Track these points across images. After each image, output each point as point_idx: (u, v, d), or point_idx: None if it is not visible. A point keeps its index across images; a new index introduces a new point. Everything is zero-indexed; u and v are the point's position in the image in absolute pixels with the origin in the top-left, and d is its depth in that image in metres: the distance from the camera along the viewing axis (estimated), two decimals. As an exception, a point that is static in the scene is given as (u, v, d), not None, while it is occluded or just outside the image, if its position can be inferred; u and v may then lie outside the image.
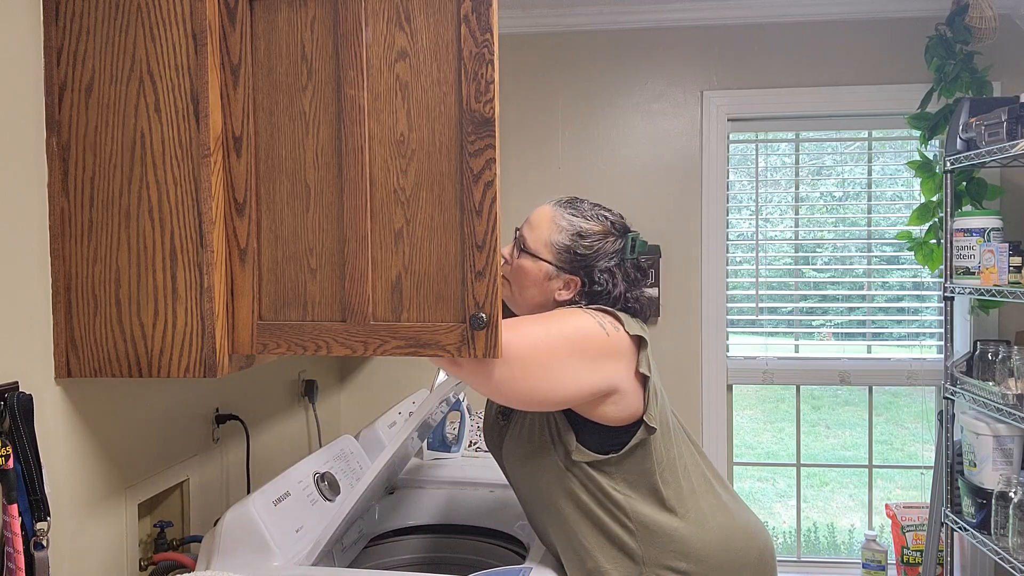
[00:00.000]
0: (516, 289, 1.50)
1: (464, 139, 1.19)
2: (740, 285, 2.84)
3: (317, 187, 1.25)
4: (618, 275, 1.45)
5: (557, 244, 1.45)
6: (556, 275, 1.45)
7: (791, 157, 2.87)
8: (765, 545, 1.50)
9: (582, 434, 1.41)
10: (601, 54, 2.77)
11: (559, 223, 1.46)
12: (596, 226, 1.46)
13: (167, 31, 1.25)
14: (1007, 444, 2.24)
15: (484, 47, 1.17)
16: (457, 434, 2.32)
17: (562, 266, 1.45)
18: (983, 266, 2.23)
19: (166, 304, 1.27)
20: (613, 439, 1.40)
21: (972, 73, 2.51)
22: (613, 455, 1.39)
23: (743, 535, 1.47)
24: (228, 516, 1.45)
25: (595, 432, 1.40)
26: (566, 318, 1.35)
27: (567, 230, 1.45)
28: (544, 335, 1.31)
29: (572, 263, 1.45)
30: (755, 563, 1.47)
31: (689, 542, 1.42)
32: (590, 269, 1.44)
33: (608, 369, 1.34)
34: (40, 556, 1.20)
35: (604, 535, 1.41)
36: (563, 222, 1.46)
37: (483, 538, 1.89)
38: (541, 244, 1.46)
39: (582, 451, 1.40)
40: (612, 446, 1.40)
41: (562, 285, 1.46)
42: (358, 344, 1.24)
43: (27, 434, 1.19)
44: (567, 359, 1.30)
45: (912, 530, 2.60)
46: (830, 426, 6.00)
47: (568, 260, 1.44)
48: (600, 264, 1.45)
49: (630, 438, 1.39)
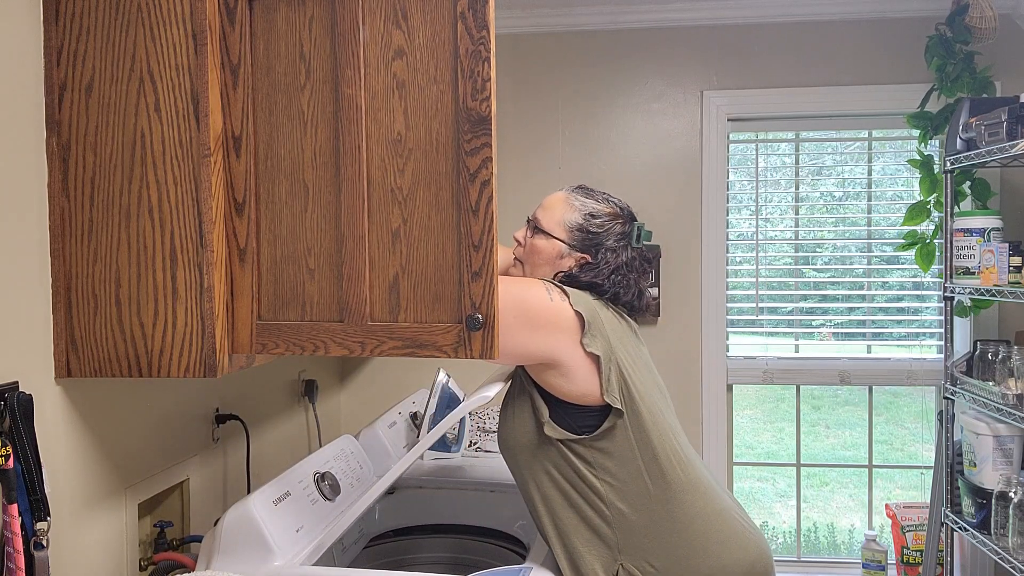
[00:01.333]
0: (528, 269, 1.58)
1: (461, 138, 1.19)
2: (740, 285, 2.84)
3: (315, 187, 1.25)
4: (622, 256, 1.54)
5: (571, 223, 1.54)
6: (568, 253, 1.53)
7: (791, 157, 2.88)
8: (757, 559, 1.47)
9: (554, 412, 1.45)
10: (601, 54, 2.77)
11: (572, 204, 1.55)
12: (607, 208, 1.56)
13: (167, 31, 1.25)
14: (1007, 444, 2.24)
15: (480, 44, 1.17)
16: (457, 434, 2.32)
17: (574, 244, 1.53)
18: (983, 266, 2.23)
19: (166, 304, 1.27)
20: (585, 420, 1.44)
21: (972, 73, 2.51)
22: (586, 436, 1.43)
23: (735, 546, 1.45)
24: (228, 516, 1.45)
25: (566, 411, 1.44)
26: (521, 282, 1.45)
27: (580, 210, 1.54)
28: (501, 290, 1.38)
29: (583, 241, 1.53)
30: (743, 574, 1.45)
31: (670, 543, 1.42)
32: (599, 248, 1.53)
33: (545, 337, 1.40)
34: (40, 556, 1.20)
35: (579, 517, 1.45)
36: (576, 203, 1.55)
37: (483, 538, 1.90)
38: (555, 223, 1.54)
39: (553, 427, 1.44)
40: (584, 427, 1.44)
41: (573, 263, 1.54)
42: (355, 344, 1.24)
43: (27, 434, 1.19)
44: (511, 316, 1.38)
45: (912, 530, 2.60)
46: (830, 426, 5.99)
47: (580, 239, 1.53)
48: (608, 243, 1.53)
49: (600, 421, 1.43)
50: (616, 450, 1.44)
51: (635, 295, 1.56)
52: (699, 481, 1.48)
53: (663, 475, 1.44)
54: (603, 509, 1.43)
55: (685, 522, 1.43)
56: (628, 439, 1.44)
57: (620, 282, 1.53)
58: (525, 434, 1.49)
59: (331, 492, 1.64)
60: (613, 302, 1.54)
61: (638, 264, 1.56)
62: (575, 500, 1.45)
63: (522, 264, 1.60)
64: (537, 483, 1.48)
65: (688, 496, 1.45)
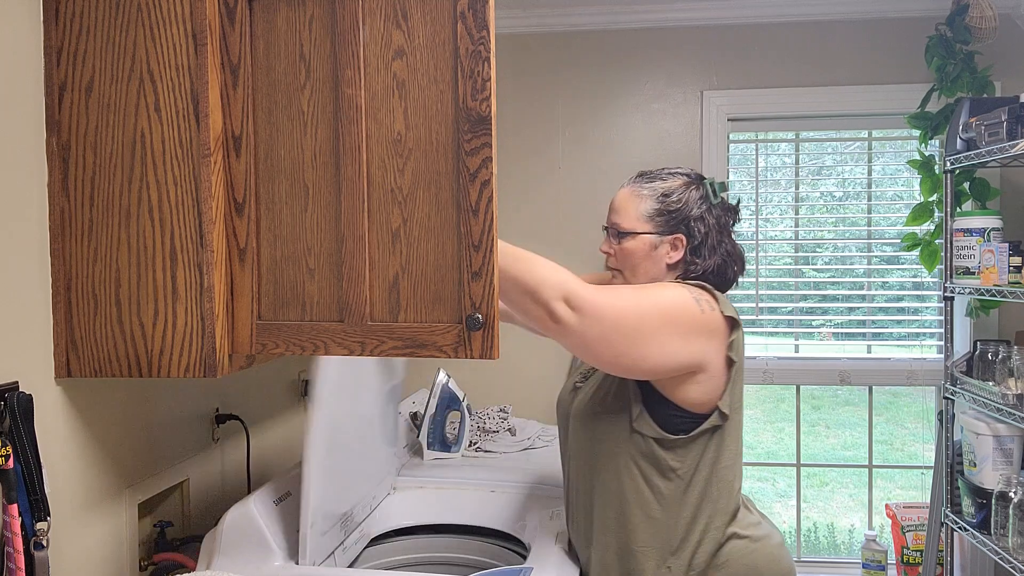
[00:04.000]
0: (629, 274, 1.53)
1: (461, 137, 1.19)
2: (740, 285, 2.84)
3: (315, 187, 1.25)
4: (710, 220, 1.50)
5: (648, 211, 1.50)
6: (660, 241, 1.50)
7: (791, 157, 2.88)
8: (789, 570, 1.51)
9: (653, 408, 1.42)
10: (601, 54, 2.77)
11: (641, 193, 1.52)
12: (675, 181, 1.52)
13: (167, 31, 1.25)
14: (1007, 444, 2.24)
15: (480, 44, 1.17)
16: (457, 434, 2.32)
17: (661, 230, 1.50)
18: (983, 266, 2.23)
19: (166, 304, 1.27)
20: (682, 421, 1.41)
21: (972, 73, 2.51)
22: (682, 435, 1.41)
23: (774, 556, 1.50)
24: (229, 516, 1.45)
25: (666, 409, 1.41)
26: (663, 289, 1.39)
27: (652, 196, 1.51)
28: (637, 301, 1.33)
29: (669, 223, 1.50)
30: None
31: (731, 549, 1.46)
32: (687, 221, 1.49)
33: (698, 345, 1.36)
34: (40, 556, 1.20)
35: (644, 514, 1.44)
36: (645, 191, 1.52)
37: (483, 538, 1.89)
38: (634, 219, 1.50)
39: (648, 423, 1.41)
40: (681, 427, 1.41)
41: (669, 248, 1.50)
42: (355, 344, 1.24)
43: (27, 434, 1.19)
44: (659, 328, 1.32)
45: (912, 530, 2.60)
46: (830, 426, 5.99)
47: (665, 222, 1.50)
48: (693, 213, 1.49)
49: (702, 421, 1.41)
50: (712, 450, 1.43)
51: (741, 264, 1.54)
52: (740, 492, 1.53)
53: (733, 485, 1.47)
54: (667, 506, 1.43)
55: (737, 530, 1.48)
56: (723, 439, 1.43)
57: (730, 251, 1.51)
58: (613, 425, 1.45)
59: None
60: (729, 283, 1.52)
61: (726, 222, 1.53)
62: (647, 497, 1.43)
63: (621, 273, 1.54)
64: (614, 474, 1.45)
65: (740, 507, 1.50)
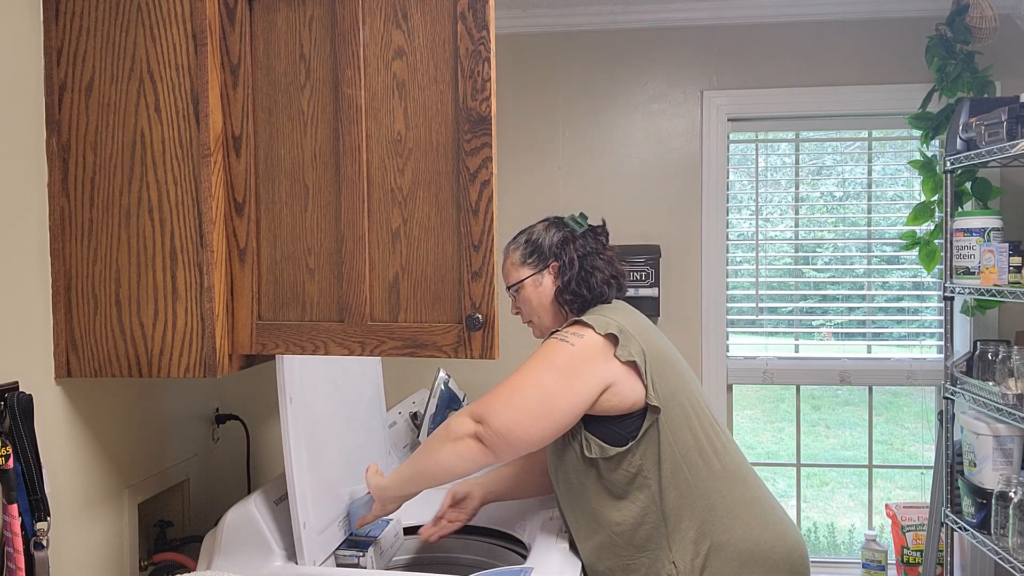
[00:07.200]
0: (536, 320, 1.68)
1: (461, 138, 1.19)
2: (740, 285, 2.84)
3: (315, 187, 1.25)
4: (578, 243, 1.64)
5: (520, 258, 1.67)
6: (540, 276, 1.65)
7: (791, 157, 2.88)
8: (795, 544, 1.52)
9: (594, 429, 1.49)
10: (601, 54, 2.77)
11: (509, 249, 1.70)
12: (535, 227, 1.70)
13: (167, 31, 1.25)
14: (1007, 444, 2.24)
15: (480, 44, 1.17)
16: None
17: (538, 266, 1.65)
18: (983, 266, 2.23)
19: (166, 304, 1.27)
20: (626, 427, 1.48)
21: (972, 73, 2.51)
22: (632, 442, 1.47)
23: (774, 533, 1.50)
24: (229, 516, 1.45)
25: (607, 424, 1.49)
26: (532, 357, 1.50)
27: (518, 247, 1.69)
28: (520, 385, 1.46)
29: (540, 257, 1.65)
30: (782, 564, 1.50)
31: (714, 529, 1.47)
32: (552, 248, 1.65)
33: (591, 371, 1.46)
34: (40, 556, 1.20)
35: (634, 524, 1.48)
36: (512, 245, 1.70)
37: (483, 538, 1.89)
38: (515, 272, 1.68)
39: (595, 444, 1.49)
40: (626, 436, 1.48)
41: (550, 280, 1.65)
42: (355, 344, 1.24)
43: (27, 434, 1.19)
44: (551, 384, 1.44)
45: (912, 530, 2.60)
46: (830, 426, 5.99)
47: (536, 259, 1.66)
48: (556, 240, 1.65)
49: (640, 422, 1.47)
50: (659, 446, 1.48)
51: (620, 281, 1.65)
52: (738, 469, 1.54)
53: (706, 464, 1.49)
54: (655, 512, 1.48)
55: (725, 510, 1.48)
56: (666, 436, 1.48)
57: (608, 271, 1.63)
58: (570, 454, 1.53)
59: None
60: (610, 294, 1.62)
61: (597, 246, 1.65)
62: (625, 512, 1.49)
63: (534, 325, 1.69)
64: (586, 499, 1.53)
65: (726, 484, 1.50)
